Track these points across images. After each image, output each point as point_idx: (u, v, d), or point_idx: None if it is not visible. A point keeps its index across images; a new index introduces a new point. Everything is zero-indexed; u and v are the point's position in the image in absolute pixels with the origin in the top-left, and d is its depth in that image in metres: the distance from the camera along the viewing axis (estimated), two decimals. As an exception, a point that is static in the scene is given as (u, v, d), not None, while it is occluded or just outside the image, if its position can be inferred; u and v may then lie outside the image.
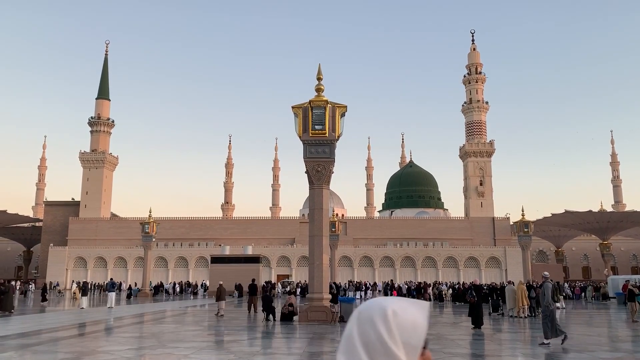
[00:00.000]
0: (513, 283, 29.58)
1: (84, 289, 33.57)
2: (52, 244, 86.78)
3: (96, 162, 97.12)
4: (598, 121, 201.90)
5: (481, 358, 12.54)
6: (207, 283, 58.55)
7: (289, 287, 54.56)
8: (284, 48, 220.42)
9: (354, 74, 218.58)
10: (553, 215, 78.29)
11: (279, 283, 60.99)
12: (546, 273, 16.67)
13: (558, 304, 15.00)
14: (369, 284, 56.14)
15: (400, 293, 43.40)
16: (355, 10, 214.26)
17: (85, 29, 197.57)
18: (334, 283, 49.70)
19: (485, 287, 36.24)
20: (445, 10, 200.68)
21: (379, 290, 53.16)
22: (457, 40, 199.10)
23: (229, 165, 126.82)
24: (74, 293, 49.77)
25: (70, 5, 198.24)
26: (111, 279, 46.07)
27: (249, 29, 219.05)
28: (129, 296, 51.11)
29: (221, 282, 27.44)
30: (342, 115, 22.95)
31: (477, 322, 19.60)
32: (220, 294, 26.55)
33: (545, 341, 14.56)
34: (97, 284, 71.22)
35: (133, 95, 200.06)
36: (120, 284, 69.96)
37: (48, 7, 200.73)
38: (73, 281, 73.95)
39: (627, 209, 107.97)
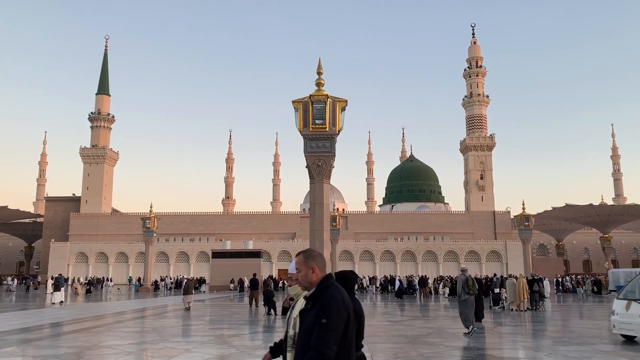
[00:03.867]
0: (516, 277, 29.58)
1: (56, 284, 30.81)
2: (53, 240, 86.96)
3: (97, 157, 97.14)
4: (599, 114, 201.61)
5: (482, 351, 12.57)
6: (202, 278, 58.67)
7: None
8: (284, 42, 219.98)
9: (354, 68, 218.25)
10: (554, 208, 78.35)
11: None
12: (463, 266, 17.33)
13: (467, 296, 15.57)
14: (363, 278, 56.01)
15: (400, 287, 43.40)
16: (355, 4, 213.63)
17: (85, 24, 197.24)
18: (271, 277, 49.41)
19: (488, 280, 36.28)
20: (445, 4, 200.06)
21: (377, 286, 53.22)
22: (458, 34, 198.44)
23: (229, 160, 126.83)
24: (76, 288, 50.04)
25: (70, 1, 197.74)
26: (60, 274, 39.28)
27: (250, 24, 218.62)
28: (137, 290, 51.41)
29: (188, 277, 27.68)
30: (343, 109, 22.88)
31: (477, 316, 19.63)
32: (187, 289, 26.81)
33: (469, 330, 15.38)
34: (98, 279, 71.32)
35: (133, 91, 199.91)
36: (103, 279, 69.88)
37: (48, 3, 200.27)
38: (74, 277, 74.31)
39: (627, 202, 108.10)
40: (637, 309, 13.15)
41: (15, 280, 63.95)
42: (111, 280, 70.29)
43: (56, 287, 30.56)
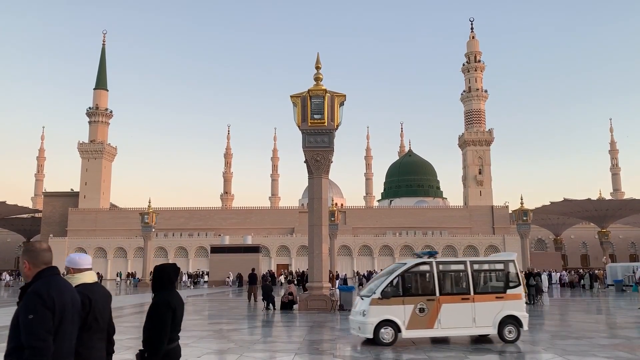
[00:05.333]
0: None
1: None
2: (51, 235, 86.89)
3: (95, 152, 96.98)
4: (597, 109, 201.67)
5: (480, 344, 12.61)
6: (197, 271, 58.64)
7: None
8: (283, 37, 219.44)
9: (353, 63, 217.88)
10: (552, 203, 78.40)
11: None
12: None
13: None
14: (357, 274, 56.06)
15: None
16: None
17: (83, 19, 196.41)
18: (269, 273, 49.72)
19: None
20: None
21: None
22: (456, 28, 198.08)
23: (227, 155, 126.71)
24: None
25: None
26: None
27: (248, 18, 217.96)
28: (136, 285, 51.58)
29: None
30: (341, 104, 22.91)
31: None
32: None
33: None
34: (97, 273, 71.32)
35: (131, 86, 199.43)
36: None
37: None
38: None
39: (625, 197, 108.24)
40: (361, 306, 12.28)
41: (8, 275, 63.60)
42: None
43: None
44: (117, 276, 71.54)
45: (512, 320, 12.26)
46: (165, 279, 4.35)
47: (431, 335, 12.28)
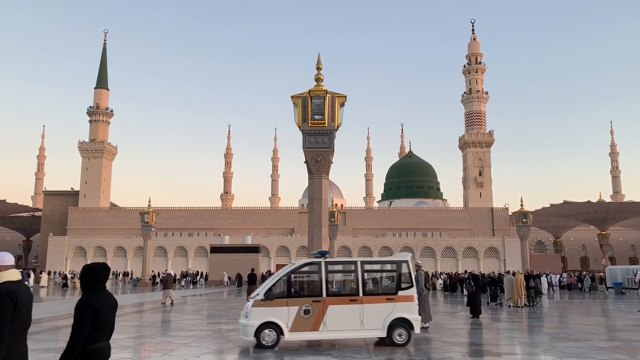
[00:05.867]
0: (513, 274, 29.68)
1: (164, 281, 28.65)
2: (51, 234, 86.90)
3: (95, 151, 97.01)
4: (598, 111, 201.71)
5: (479, 347, 12.62)
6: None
7: None
8: (284, 37, 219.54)
9: (354, 63, 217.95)
10: (552, 205, 78.38)
11: None
12: (419, 262, 18.12)
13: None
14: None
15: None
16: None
17: (84, 18, 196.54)
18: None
19: (488, 277, 36.42)
20: (445, 0, 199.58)
21: None
22: (457, 30, 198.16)
23: (228, 155, 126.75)
24: (75, 283, 50.23)
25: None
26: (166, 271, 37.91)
27: (249, 18, 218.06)
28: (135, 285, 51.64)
29: (169, 272, 27.78)
30: (342, 105, 22.88)
31: (475, 312, 19.72)
32: (167, 283, 26.89)
33: (424, 325, 15.62)
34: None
35: (132, 85, 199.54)
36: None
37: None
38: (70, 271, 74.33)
39: (625, 199, 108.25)
40: (246, 308, 11.90)
41: None
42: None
43: (165, 285, 27.65)
44: (113, 275, 71.72)
45: (402, 322, 11.83)
46: (92, 279, 4.40)
47: (316, 337, 11.80)
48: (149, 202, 53.01)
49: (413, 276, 12.45)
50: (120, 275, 73.27)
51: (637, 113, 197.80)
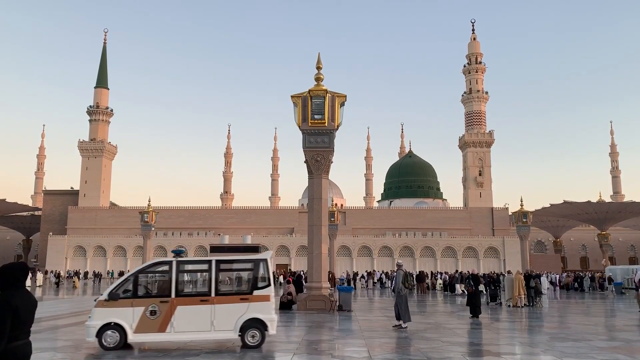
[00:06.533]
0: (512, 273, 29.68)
1: None
2: (51, 233, 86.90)
3: (95, 151, 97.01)
4: (598, 111, 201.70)
5: (479, 347, 12.61)
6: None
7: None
8: (284, 36, 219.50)
9: (354, 63, 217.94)
10: (552, 205, 78.41)
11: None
12: (399, 262, 17.96)
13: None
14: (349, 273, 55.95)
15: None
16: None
17: (84, 17, 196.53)
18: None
19: (488, 277, 36.45)
20: (445, 0, 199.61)
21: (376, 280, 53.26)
22: (458, 30, 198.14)
23: (228, 155, 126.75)
24: (74, 282, 50.37)
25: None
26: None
27: (249, 18, 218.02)
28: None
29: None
30: (342, 104, 22.89)
31: (474, 311, 19.71)
32: None
33: (403, 325, 15.67)
34: (96, 272, 71.41)
35: (132, 85, 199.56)
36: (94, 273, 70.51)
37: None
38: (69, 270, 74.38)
39: (625, 199, 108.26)
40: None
41: None
42: (87, 274, 71.74)
43: None
44: (109, 275, 71.86)
45: (256, 323, 11.41)
46: (10, 278, 4.42)
47: (163, 339, 11.32)
48: (149, 201, 52.98)
49: (271, 275, 11.94)
50: (115, 274, 73.46)
51: (637, 113, 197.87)
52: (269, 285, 11.78)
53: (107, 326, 10.97)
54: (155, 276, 12.05)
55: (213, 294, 11.39)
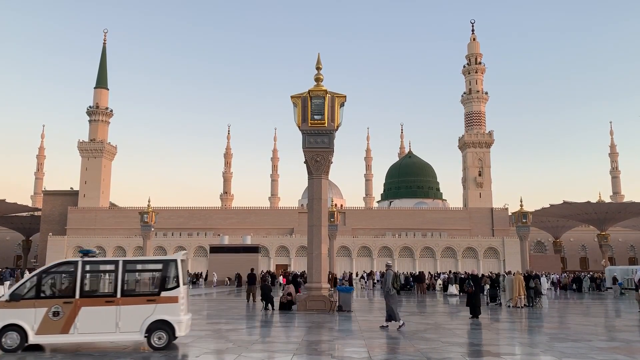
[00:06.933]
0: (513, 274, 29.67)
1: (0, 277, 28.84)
2: (51, 233, 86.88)
3: (95, 151, 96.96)
4: (598, 112, 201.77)
5: (478, 347, 12.62)
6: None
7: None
8: (284, 37, 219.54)
9: (353, 64, 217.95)
10: (551, 206, 78.42)
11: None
12: (389, 262, 18.22)
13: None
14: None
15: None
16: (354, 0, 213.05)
17: (84, 17, 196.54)
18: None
19: (488, 277, 36.46)
20: (445, 0, 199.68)
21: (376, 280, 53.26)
22: (457, 30, 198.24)
23: (227, 155, 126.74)
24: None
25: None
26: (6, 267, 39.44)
27: (249, 18, 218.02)
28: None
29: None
30: (342, 105, 22.90)
31: (474, 312, 19.71)
32: None
33: (399, 324, 15.80)
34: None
35: (132, 85, 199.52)
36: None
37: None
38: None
39: (625, 200, 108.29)
40: None
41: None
42: None
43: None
44: None
45: (163, 325, 11.29)
46: None
47: (66, 341, 11.17)
48: (149, 202, 53.05)
49: (181, 276, 11.74)
50: None
51: (637, 113, 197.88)
52: (177, 286, 11.61)
53: (7, 327, 10.82)
54: (60, 276, 11.83)
55: (119, 295, 11.31)
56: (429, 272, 59.52)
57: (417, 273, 47.71)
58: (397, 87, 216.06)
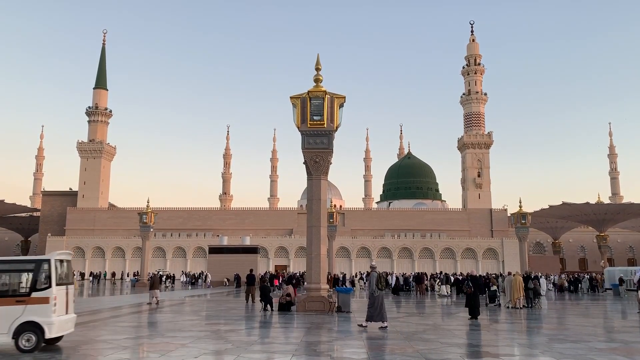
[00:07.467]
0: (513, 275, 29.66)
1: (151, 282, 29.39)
2: (49, 234, 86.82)
3: (94, 152, 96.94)
4: (597, 113, 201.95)
5: (477, 348, 12.60)
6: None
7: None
8: (283, 38, 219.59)
9: (353, 64, 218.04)
10: (550, 207, 78.47)
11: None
12: (373, 264, 18.26)
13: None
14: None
15: (396, 283, 43.44)
16: (354, 0, 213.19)
17: (83, 18, 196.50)
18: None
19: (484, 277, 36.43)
20: (444, 1, 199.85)
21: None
22: (457, 31, 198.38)
23: (227, 156, 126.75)
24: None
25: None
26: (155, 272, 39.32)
27: (248, 19, 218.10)
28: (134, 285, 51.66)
29: (155, 272, 27.59)
30: (341, 105, 22.87)
31: (473, 313, 19.69)
32: (154, 283, 26.88)
33: (364, 324, 15.93)
34: (95, 273, 71.37)
35: (131, 86, 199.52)
36: (99, 274, 70.28)
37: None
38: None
39: (624, 200, 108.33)
40: None
41: None
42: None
43: (152, 286, 27.59)
44: (103, 276, 72.01)
45: (32, 327, 10.90)
46: None
47: None
48: (148, 202, 52.97)
49: (54, 276, 11.38)
50: (108, 275, 73.64)
51: (636, 115, 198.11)
52: (49, 287, 11.27)
53: None
54: None
55: None
56: (427, 273, 59.52)
57: (416, 274, 47.67)
58: (397, 88, 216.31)
